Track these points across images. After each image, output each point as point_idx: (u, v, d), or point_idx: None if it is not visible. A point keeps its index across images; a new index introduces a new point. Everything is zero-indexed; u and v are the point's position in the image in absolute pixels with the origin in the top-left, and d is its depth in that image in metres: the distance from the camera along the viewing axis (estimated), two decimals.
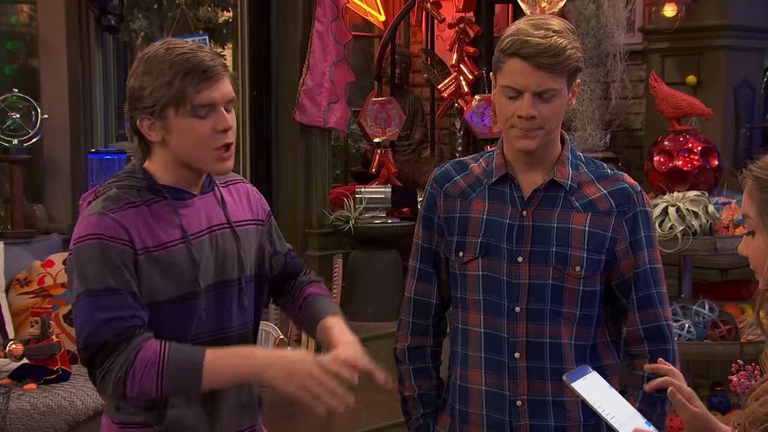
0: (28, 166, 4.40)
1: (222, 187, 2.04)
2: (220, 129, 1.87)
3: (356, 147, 6.58)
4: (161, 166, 1.93)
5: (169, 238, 1.89)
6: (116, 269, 1.82)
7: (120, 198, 1.89)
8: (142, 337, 1.82)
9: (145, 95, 1.85)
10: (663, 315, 2.05)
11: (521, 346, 2.00)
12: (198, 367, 1.80)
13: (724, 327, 3.91)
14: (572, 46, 1.93)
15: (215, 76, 1.85)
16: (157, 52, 1.86)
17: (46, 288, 3.86)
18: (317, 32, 5.22)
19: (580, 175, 2.03)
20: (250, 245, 2.02)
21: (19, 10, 4.87)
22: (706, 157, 4.31)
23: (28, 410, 3.25)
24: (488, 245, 2.03)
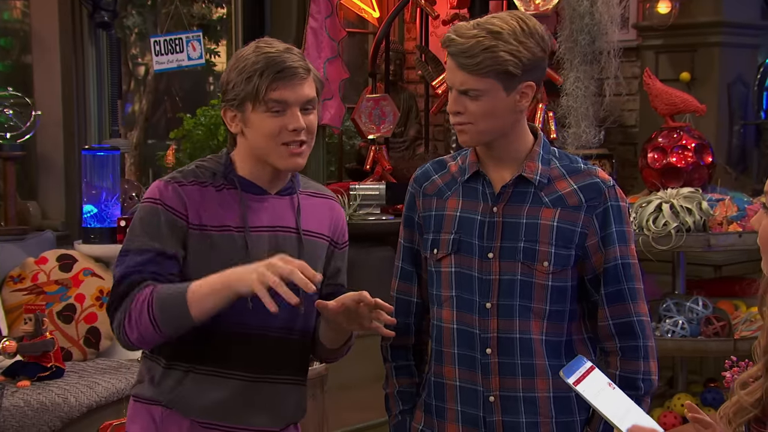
0: (22, 163, 4.38)
1: (309, 195, 2.09)
2: (290, 128, 1.94)
3: (350, 144, 6.58)
4: (242, 158, 2.02)
5: (229, 223, 1.96)
6: (159, 232, 1.93)
7: (191, 174, 2.00)
8: (144, 284, 1.90)
9: (230, 89, 1.97)
10: (634, 311, 2.04)
11: (492, 341, 2.02)
12: (182, 295, 1.86)
13: (717, 323, 3.92)
14: (504, 50, 1.92)
15: (292, 77, 1.93)
16: (248, 49, 1.98)
17: (39, 285, 3.85)
18: (311, 29, 5.21)
19: (552, 170, 2.04)
20: (316, 256, 2.06)
21: (12, 6, 4.85)
22: (699, 154, 4.32)
23: (22, 407, 3.25)
24: (460, 242, 2.05)
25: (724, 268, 4.85)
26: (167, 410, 1.95)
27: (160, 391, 1.96)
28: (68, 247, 4.11)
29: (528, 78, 1.96)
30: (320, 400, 3.69)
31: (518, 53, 1.93)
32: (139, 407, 2.01)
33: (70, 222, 4.48)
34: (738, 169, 5.11)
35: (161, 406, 1.96)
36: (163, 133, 7.48)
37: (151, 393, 1.97)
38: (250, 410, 1.98)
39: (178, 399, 1.95)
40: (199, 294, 1.86)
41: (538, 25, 1.98)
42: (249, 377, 1.97)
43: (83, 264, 3.92)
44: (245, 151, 2.01)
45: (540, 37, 1.97)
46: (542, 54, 1.98)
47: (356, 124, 5.62)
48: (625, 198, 2.07)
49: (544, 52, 1.98)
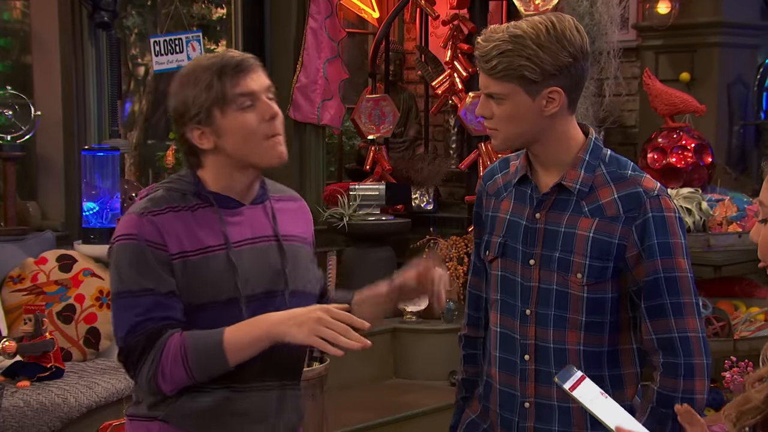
0: (21, 163, 4.38)
1: (277, 200, 2.05)
2: (267, 117, 1.91)
3: (350, 144, 6.58)
4: (213, 174, 1.95)
5: (210, 243, 1.91)
6: (150, 270, 1.87)
7: (163, 200, 1.92)
8: (167, 335, 1.86)
9: (188, 106, 1.90)
10: (676, 326, 1.94)
11: (530, 348, 2.00)
12: (219, 346, 1.84)
13: (717, 324, 3.92)
14: (519, 54, 1.88)
15: (248, 68, 1.91)
16: (186, 67, 1.94)
17: (39, 285, 3.85)
18: (311, 29, 5.21)
19: (596, 177, 1.96)
20: (301, 260, 2.03)
21: (12, 6, 4.85)
22: (699, 154, 4.32)
23: (22, 407, 3.25)
24: (505, 246, 2.04)
25: (723, 268, 4.84)
26: (164, 424, 1.93)
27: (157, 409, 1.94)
28: (68, 248, 4.11)
29: (553, 83, 1.90)
30: (320, 400, 3.69)
31: (536, 58, 1.88)
32: (136, 424, 1.98)
33: (69, 222, 4.48)
34: (738, 170, 5.11)
35: (158, 420, 1.94)
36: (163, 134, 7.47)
37: (146, 411, 1.95)
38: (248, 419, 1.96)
39: (173, 412, 1.93)
40: (237, 345, 1.84)
41: (572, 28, 1.91)
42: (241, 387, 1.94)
43: (83, 264, 3.92)
44: (219, 165, 1.94)
45: (569, 42, 1.89)
46: (570, 60, 1.89)
47: (356, 124, 5.62)
48: (673, 207, 1.96)
49: (573, 58, 1.90)
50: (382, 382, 4.82)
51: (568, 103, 1.94)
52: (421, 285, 2.01)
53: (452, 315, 4.86)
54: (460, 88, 5.29)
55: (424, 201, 5.74)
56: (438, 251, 5.05)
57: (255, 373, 1.93)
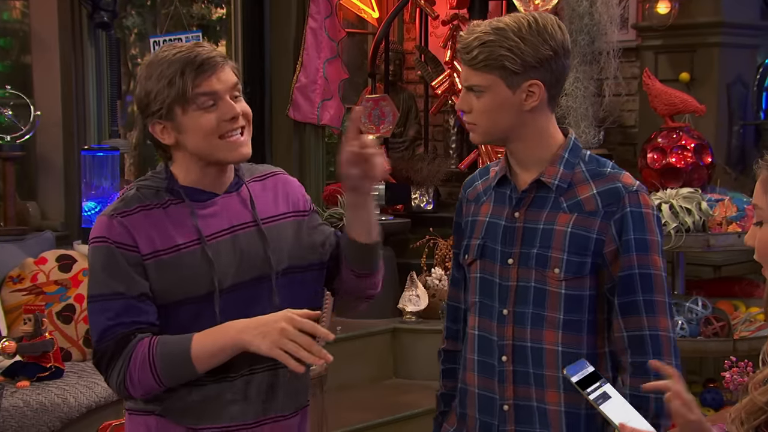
0: (21, 163, 4.38)
1: (256, 181, 2.03)
2: (227, 118, 1.89)
3: None
4: (183, 169, 1.95)
5: (183, 240, 1.90)
6: (121, 273, 1.86)
7: (135, 199, 1.92)
8: (136, 340, 1.86)
9: (151, 100, 1.89)
10: (647, 324, 1.92)
11: (508, 349, 1.98)
12: (186, 354, 1.83)
13: (717, 324, 3.92)
14: (500, 45, 1.89)
15: (213, 67, 1.87)
16: (155, 56, 1.91)
17: (39, 285, 3.85)
18: (311, 29, 5.21)
19: (575, 174, 1.96)
20: (284, 240, 2.01)
21: (11, 6, 4.85)
22: (699, 154, 4.32)
23: (21, 407, 3.25)
24: (484, 247, 2.03)
25: (723, 268, 4.85)
26: (162, 418, 1.93)
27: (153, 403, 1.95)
28: (68, 248, 4.11)
29: (533, 76, 1.91)
30: (320, 400, 3.69)
31: (517, 49, 1.89)
32: (134, 419, 1.99)
33: (69, 222, 4.48)
34: (737, 170, 5.11)
35: (155, 415, 1.94)
36: None
37: (143, 405, 1.96)
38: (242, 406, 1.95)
39: (169, 408, 1.93)
40: (204, 352, 1.83)
41: (554, 24, 1.92)
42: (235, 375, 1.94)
43: (83, 264, 3.92)
44: (185, 160, 1.93)
45: (550, 36, 1.91)
46: (550, 53, 1.91)
47: None
48: (651, 205, 1.95)
49: (554, 52, 1.91)
50: (382, 382, 4.82)
51: (548, 99, 1.96)
52: (355, 162, 1.97)
53: None
54: (459, 88, 5.27)
55: (423, 201, 5.74)
56: (438, 251, 5.06)
57: (247, 359, 1.92)
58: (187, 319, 1.89)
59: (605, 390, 1.58)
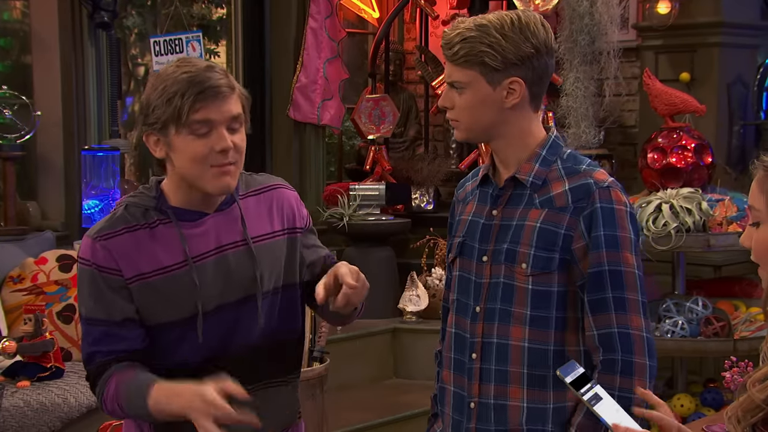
0: (21, 163, 4.38)
1: (251, 195, 2.00)
2: (218, 149, 1.84)
3: (350, 144, 6.58)
4: (173, 186, 1.93)
5: (170, 262, 1.89)
6: (103, 298, 1.88)
7: (121, 220, 1.90)
8: (110, 371, 1.89)
9: (149, 112, 1.86)
10: (616, 322, 1.89)
11: (477, 346, 1.98)
12: (145, 407, 1.83)
13: (717, 324, 3.92)
14: (481, 41, 1.89)
15: (215, 96, 1.83)
16: (167, 68, 1.89)
17: (39, 285, 3.85)
18: (311, 29, 5.21)
19: (551, 171, 1.95)
20: (274, 259, 1.98)
21: (11, 6, 4.85)
22: (699, 154, 4.32)
23: (22, 407, 3.25)
24: (463, 245, 2.04)
25: (723, 268, 4.85)
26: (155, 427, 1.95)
27: None
28: (68, 248, 4.11)
29: (514, 73, 1.91)
30: (320, 400, 3.69)
31: (498, 45, 1.89)
32: (129, 423, 2.01)
33: (69, 222, 4.48)
34: (738, 170, 5.11)
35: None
36: None
37: None
38: None
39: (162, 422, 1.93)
40: (157, 410, 1.82)
41: (537, 22, 1.92)
42: None
43: None
44: (174, 176, 1.91)
45: (532, 33, 1.90)
46: (532, 51, 1.90)
47: (356, 124, 5.62)
48: (624, 201, 1.92)
49: (535, 50, 1.91)
50: (382, 382, 4.82)
51: (530, 97, 1.95)
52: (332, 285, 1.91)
53: None
54: None
55: (424, 201, 5.74)
56: (438, 251, 5.05)
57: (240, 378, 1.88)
58: (170, 341, 1.89)
59: (596, 391, 1.58)
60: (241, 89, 1.91)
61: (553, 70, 2.01)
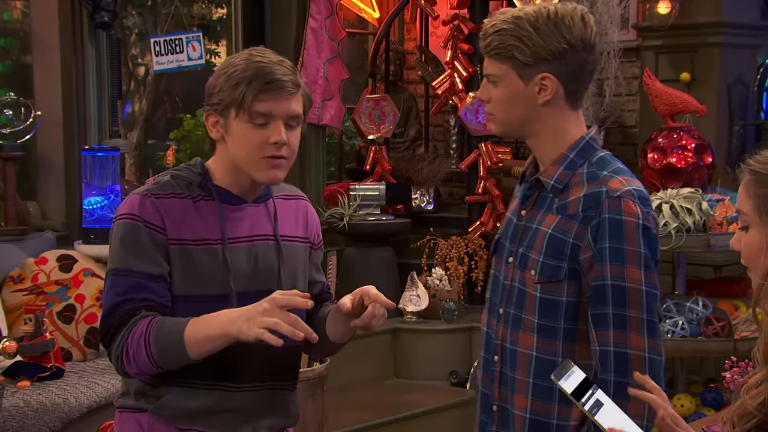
0: (22, 163, 4.38)
1: (281, 199, 2.05)
2: (272, 141, 1.89)
3: (350, 144, 6.58)
4: (220, 166, 1.97)
5: (208, 237, 1.92)
6: (143, 251, 1.88)
7: (168, 185, 1.95)
8: (139, 316, 1.86)
9: (215, 92, 1.92)
10: (614, 339, 1.80)
11: (498, 349, 1.95)
12: (180, 338, 1.83)
13: (717, 324, 3.92)
14: (513, 34, 1.84)
15: (280, 90, 1.89)
16: (239, 56, 1.94)
17: (39, 285, 3.85)
18: (311, 29, 5.21)
19: (575, 175, 1.88)
20: (296, 261, 2.03)
21: (12, 6, 4.85)
22: (699, 154, 4.32)
23: (22, 407, 3.24)
24: (497, 243, 2.01)
25: (724, 268, 4.85)
26: (154, 417, 1.93)
27: (146, 401, 1.95)
28: (68, 248, 4.11)
29: (545, 69, 1.85)
30: (320, 400, 3.69)
31: (528, 39, 1.83)
32: (126, 416, 1.99)
33: (70, 222, 4.48)
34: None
35: (148, 412, 1.94)
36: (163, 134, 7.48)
37: (134, 402, 1.96)
38: (239, 418, 1.96)
39: (163, 407, 1.93)
40: (196, 338, 1.83)
41: (576, 16, 1.86)
42: (236, 387, 1.95)
43: (83, 264, 3.92)
44: (224, 158, 1.95)
45: (567, 28, 1.84)
46: (565, 46, 1.84)
47: (356, 124, 5.62)
48: (636, 213, 1.81)
49: (569, 45, 1.84)
50: (382, 382, 4.82)
51: (566, 94, 1.89)
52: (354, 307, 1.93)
53: (452, 315, 4.86)
54: (460, 88, 5.29)
55: (424, 201, 5.74)
56: (438, 251, 5.06)
57: (250, 374, 1.93)
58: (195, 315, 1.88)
59: (598, 397, 1.53)
60: (305, 89, 1.96)
61: (594, 66, 1.94)
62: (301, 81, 1.95)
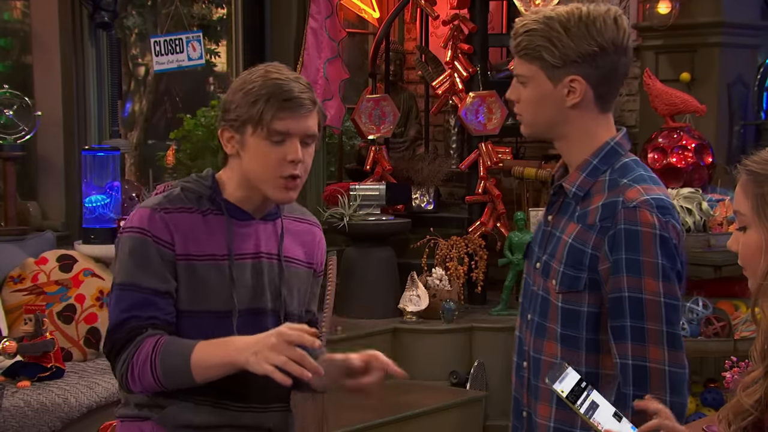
0: (22, 163, 4.38)
1: (291, 220, 2.05)
2: (289, 159, 1.89)
3: (350, 144, 6.58)
4: (232, 181, 1.96)
5: (214, 252, 1.91)
6: (150, 267, 1.87)
7: (178, 199, 1.94)
8: (146, 335, 1.86)
9: (231, 108, 1.91)
10: (632, 352, 1.76)
11: (527, 355, 1.93)
12: (186, 362, 1.83)
13: (717, 324, 3.92)
14: (542, 34, 1.81)
15: (298, 108, 1.88)
16: (256, 71, 1.92)
17: (39, 285, 3.85)
18: (311, 29, 5.21)
19: (596, 182, 1.84)
20: (298, 283, 2.02)
21: (12, 6, 4.85)
22: (699, 154, 4.33)
23: (22, 407, 3.25)
24: (529, 248, 1.99)
25: (724, 268, 4.84)
26: (157, 426, 1.93)
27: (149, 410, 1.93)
28: (68, 248, 4.11)
29: (574, 71, 1.81)
30: (320, 400, 3.69)
31: (558, 41, 1.80)
32: (127, 425, 1.98)
33: (70, 222, 4.48)
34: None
35: (151, 421, 1.93)
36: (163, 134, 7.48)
37: (136, 411, 1.95)
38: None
39: (168, 417, 1.92)
40: (203, 364, 1.83)
41: (608, 18, 1.81)
42: (242, 407, 1.95)
43: (83, 264, 3.92)
44: (238, 173, 1.95)
45: (598, 31, 1.80)
46: (595, 49, 1.80)
47: (356, 124, 5.61)
48: (653, 223, 1.77)
49: (600, 48, 1.80)
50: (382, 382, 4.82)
51: (595, 97, 1.84)
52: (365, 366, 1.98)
53: (452, 315, 4.86)
54: (460, 88, 5.29)
55: (424, 201, 5.74)
56: (438, 251, 5.06)
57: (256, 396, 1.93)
58: (198, 332, 1.89)
59: (593, 399, 1.53)
60: (320, 106, 1.96)
61: (627, 70, 1.89)
62: (317, 98, 1.95)
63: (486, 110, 5.16)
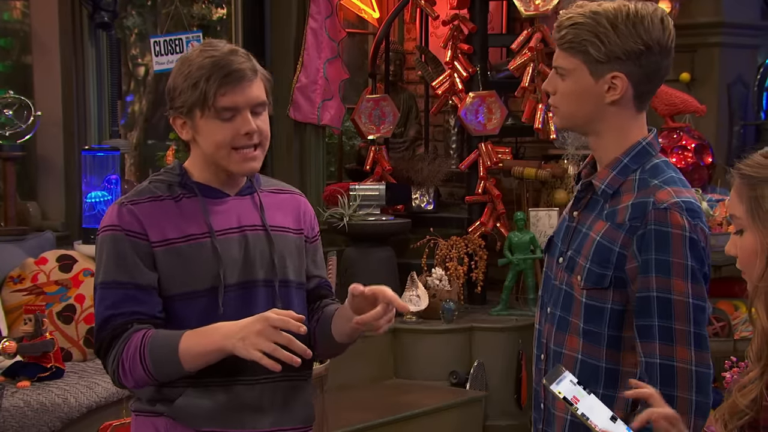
0: (22, 163, 4.38)
1: (268, 192, 2.06)
2: (243, 132, 1.90)
3: (350, 144, 6.58)
4: (197, 165, 1.98)
5: (194, 232, 1.92)
6: (127, 262, 1.89)
7: (146, 191, 1.96)
8: (132, 330, 1.87)
9: (176, 96, 1.93)
10: (660, 352, 1.79)
11: (544, 348, 1.95)
12: (174, 352, 1.84)
13: (717, 324, 3.92)
14: (589, 29, 1.80)
15: (240, 80, 1.88)
16: (192, 53, 1.93)
17: (39, 285, 3.85)
18: (311, 29, 5.21)
19: (626, 181, 1.85)
20: (288, 251, 2.02)
21: (12, 6, 4.85)
22: (699, 155, 4.33)
23: (22, 408, 3.25)
24: (550, 242, 2.00)
25: (723, 268, 4.84)
26: (171, 420, 1.93)
27: (161, 404, 1.94)
28: (68, 248, 4.11)
29: (618, 68, 1.81)
30: (320, 400, 3.69)
31: (604, 37, 1.80)
32: (142, 420, 1.98)
33: (70, 222, 4.48)
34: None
35: (164, 416, 1.93)
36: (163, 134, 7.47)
37: (151, 407, 1.95)
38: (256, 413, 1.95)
39: (179, 410, 1.93)
40: (190, 353, 1.84)
41: (656, 18, 1.83)
42: (251, 380, 1.94)
43: (83, 264, 3.92)
44: (199, 157, 1.97)
45: (645, 30, 1.81)
46: (641, 47, 1.81)
47: (356, 124, 5.62)
48: (683, 224, 1.80)
49: (646, 47, 1.82)
50: (382, 382, 4.82)
51: (635, 95, 1.86)
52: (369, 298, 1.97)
53: (452, 315, 4.86)
54: (460, 89, 5.29)
55: (424, 201, 5.74)
56: (438, 251, 5.06)
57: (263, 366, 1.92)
58: (190, 315, 1.90)
59: (591, 400, 1.56)
60: (263, 71, 1.96)
61: (668, 71, 1.91)
62: (257, 65, 1.95)
63: (486, 110, 5.16)
